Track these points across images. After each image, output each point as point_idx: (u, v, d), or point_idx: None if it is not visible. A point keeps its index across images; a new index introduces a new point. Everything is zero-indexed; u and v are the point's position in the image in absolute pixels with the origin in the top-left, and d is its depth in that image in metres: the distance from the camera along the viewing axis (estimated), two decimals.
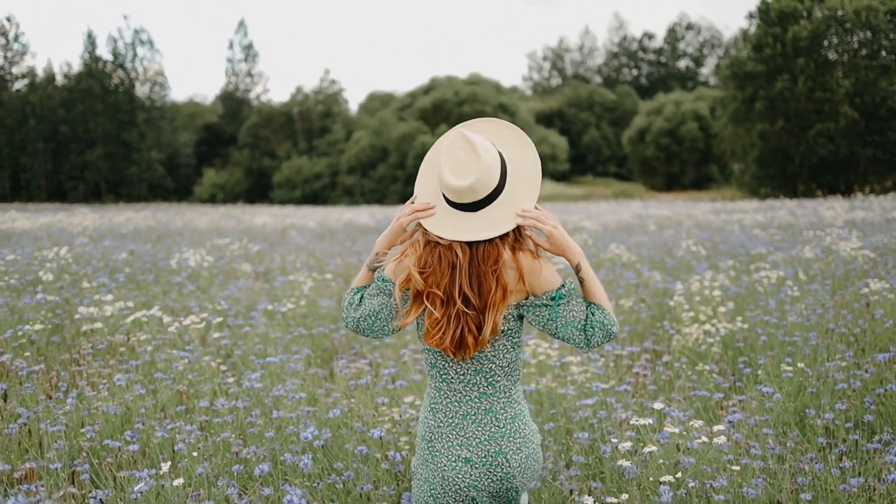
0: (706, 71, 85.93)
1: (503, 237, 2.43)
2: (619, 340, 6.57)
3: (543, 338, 6.17)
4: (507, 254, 2.41)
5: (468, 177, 2.35)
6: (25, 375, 4.88)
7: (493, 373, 2.48)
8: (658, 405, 3.45)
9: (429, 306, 2.43)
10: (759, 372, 4.88)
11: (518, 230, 2.48)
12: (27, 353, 5.98)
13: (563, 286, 2.46)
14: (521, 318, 2.51)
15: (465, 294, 2.39)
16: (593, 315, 2.46)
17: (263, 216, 25.61)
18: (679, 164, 61.61)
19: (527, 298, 2.46)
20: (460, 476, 2.46)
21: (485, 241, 2.40)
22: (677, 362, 5.73)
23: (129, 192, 63.49)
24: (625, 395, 4.71)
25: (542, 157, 60.41)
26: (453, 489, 2.48)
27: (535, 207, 2.44)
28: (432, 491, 2.51)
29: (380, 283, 2.55)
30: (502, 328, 2.46)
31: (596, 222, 19.51)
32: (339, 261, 11.15)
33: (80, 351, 5.77)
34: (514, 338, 2.50)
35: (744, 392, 4.98)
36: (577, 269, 2.49)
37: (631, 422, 3.36)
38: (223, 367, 5.00)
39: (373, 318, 2.56)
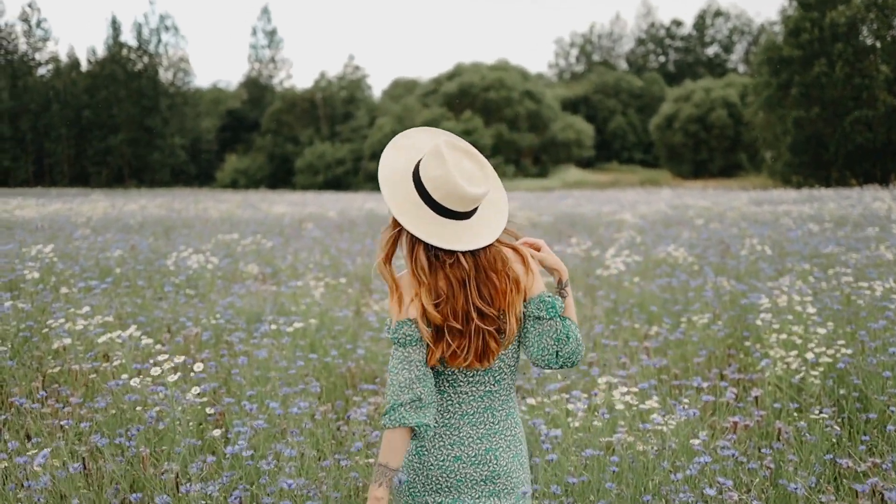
0: (735, 58, 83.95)
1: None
2: (695, 369, 5.45)
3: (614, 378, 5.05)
4: (506, 250, 2.41)
5: (481, 185, 2.34)
6: None
7: (501, 371, 2.45)
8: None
9: (450, 339, 2.33)
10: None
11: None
12: None
13: (554, 300, 2.41)
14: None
15: (478, 308, 2.33)
16: (568, 327, 2.42)
17: (282, 205, 24.54)
18: (707, 152, 60.32)
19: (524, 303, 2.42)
20: (445, 474, 2.40)
21: (488, 245, 2.36)
22: (777, 402, 4.62)
23: (151, 177, 63.06)
24: (726, 459, 3.61)
25: (568, 143, 59.68)
26: (435, 487, 2.40)
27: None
28: (411, 489, 2.42)
29: (402, 333, 2.33)
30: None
31: (633, 213, 18.26)
32: (359, 260, 10.03)
33: (42, 380, 4.74)
34: (520, 337, 2.47)
35: (879, 452, 3.86)
36: (565, 285, 2.50)
37: None
38: (209, 411, 3.92)
39: (422, 381, 2.32)
